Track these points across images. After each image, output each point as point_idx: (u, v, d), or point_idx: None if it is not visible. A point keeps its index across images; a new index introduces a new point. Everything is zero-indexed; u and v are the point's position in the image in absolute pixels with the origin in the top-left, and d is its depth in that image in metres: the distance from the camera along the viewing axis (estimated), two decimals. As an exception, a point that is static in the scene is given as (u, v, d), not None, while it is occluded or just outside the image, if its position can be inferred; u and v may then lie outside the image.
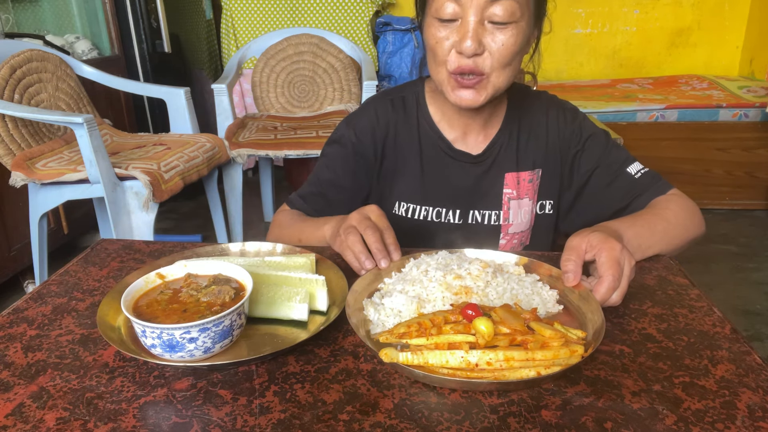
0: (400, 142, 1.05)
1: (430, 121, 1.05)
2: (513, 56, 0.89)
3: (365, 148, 1.05)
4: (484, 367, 0.58)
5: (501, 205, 1.05)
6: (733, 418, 0.54)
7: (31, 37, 2.63)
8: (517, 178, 1.05)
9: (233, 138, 2.47)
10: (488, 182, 1.05)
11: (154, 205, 1.93)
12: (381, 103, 1.07)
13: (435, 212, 1.05)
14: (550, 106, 1.08)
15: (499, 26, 0.86)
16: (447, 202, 1.04)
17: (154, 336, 0.60)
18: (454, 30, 0.88)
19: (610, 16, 3.96)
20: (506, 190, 1.04)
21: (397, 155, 1.05)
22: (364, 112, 1.07)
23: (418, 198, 1.05)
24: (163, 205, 2.00)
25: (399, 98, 1.07)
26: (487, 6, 0.85)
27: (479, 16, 0.85)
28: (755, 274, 2.55)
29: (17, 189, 1.98)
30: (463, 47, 0.86)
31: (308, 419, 0.54)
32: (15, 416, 0.55)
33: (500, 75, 0.90)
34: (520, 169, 1.05)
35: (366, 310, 0.71)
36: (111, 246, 0.94)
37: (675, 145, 3.19)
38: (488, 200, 1.05)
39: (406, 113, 1.06)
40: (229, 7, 3.58)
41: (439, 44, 0.90)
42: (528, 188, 1.05)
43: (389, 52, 3.57)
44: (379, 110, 1.06)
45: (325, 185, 1.07)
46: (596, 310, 0.67)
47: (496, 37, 0.87)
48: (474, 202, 1.05)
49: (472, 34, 0.86)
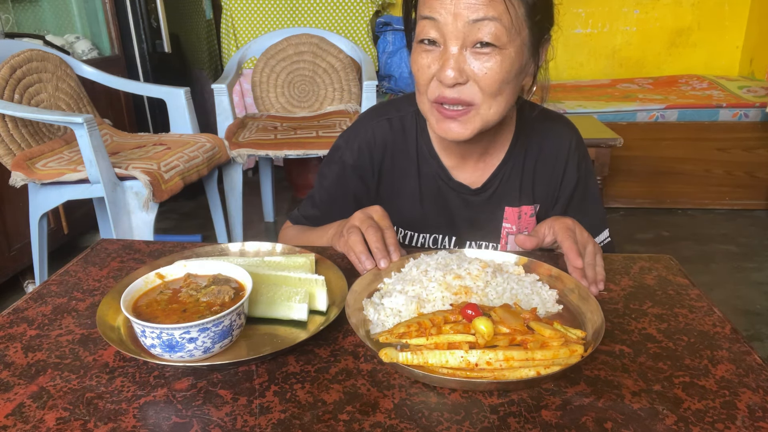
0: (398, 166, 1.02)
1: (429, 146, 1.00)
2: (500, 85, 0.82)
3: (363, 170, 1.02)
4: (483, 366, 0.58)
5: (499, 238, 1.02)
6: (733, 418, 0.54)
7: (31, 37, 2.63)
8: (518, 212, 1.01)
9: (233, 138, 2.47)
10: (487, 215, 1.01)
11: (154, 205, 1.93)
12: (378, 123, 1.02)
13: (432, 239, 1.03)
14: (564, 138, 1.01)
15: (483, 52, 0.80)
16: (444, 230, 1.02)
17: (153, 336, 0.60)
18: (436, 56, 0.82)
19: (610, 16, 3.96)
20: (505, 225, 1.01)
21: (395, 179, 1.02)
22: (361, 131, 1.03)
23: (416, 225, 1.02)
24: (163, 205, 2.00)
25: (398, 119, 1.02)
26: (469, 31, 0.79)
27: (461, 41, 0.79)
28: (755, 274, 2.55)
29: (17, 189, 1.98)
30: (443, 76, 0.81)
31: (308, 419, 0.54)
32: (15, 416, 0.55)
33: (491, 106, 0.83)
34: (522, 203, 1.01)
35: (366, 310, 0.71)
36: (111, 246, 0.94)
37: (675, 145, 3.19)
38: (486, 233, 1.02)
39: (405, 136, 1.01)
40: (229, 7, 3.58)
41: (420, 72, 0.84)
42: (529, 222, 1.02)
43: (389, 52, 3.57)
44: (377, 131, 1.01)
45: (324, 206, 1.06)
46: (596, 310, 0.67)
47: (479, 64, 0.80)
48: (472, 233, 1.02)
49: (453, 63, 0.80)
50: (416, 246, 1.03)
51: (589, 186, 1.04)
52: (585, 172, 1.03)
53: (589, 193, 1.04)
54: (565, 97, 3.49)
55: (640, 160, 3.20)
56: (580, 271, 0.78)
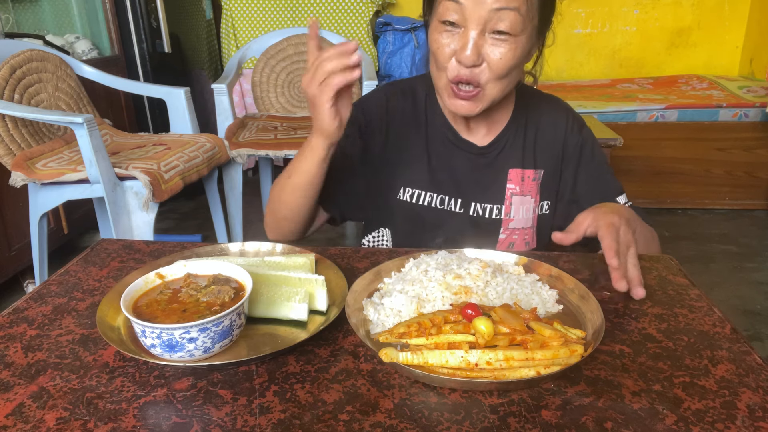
0: (407, 127, 1.06)
1: (438, 111, 1.06)
2: (510, 69, 0.90)
3: (372, 129, 1.06)
4: (483, 366, 0.58)
5: (503, 200, 1.05)
6: (733, 418, 0.54)
7: (31, 37, 2.63)
8: (522, 174, 1.05)
9: (233, 138, 2.47)
10: (491, 176, 1.05)
11: (154, 205, 1.93)
12: (392, 90, 1.09)
13: (438, 199, 1.05)
14: (560, 110, 1.09)
15: (500, 39, 0.87)
16: (450, 191, 1.05)
17: (153, 336, 0.60)
18: (457, 37, 0.88)
19: (610, 16, 3.96)
20: (509, 186, 1.05)
21: (403, 139, 1.06)
22: (374, 96, 1.09)
23: (423, 184, 1.05)
24: (163, 205, 2.00)
25: (409, 88, 1.09)
26: (490, 17, 0.85)
27: (481, 26, 0.86)
28: (755, 274, 2.55)
29: (17, 189, 1.98)
30: (462, 57, 0.87)
31: (308, 419, 0.54)
32: (15, 416, 0.55)
33: (495, 86, 0.91)
34: (525, 166, 1.06)
35: (366, 310, 0.71)
36: (111, 246, 0.94)
37: (675, 145, 3.19)
38: (491, 194, 1.05)
39: (414, 102, 1.07)
40: (229, 7, 3.58)
41: (440, 50, 0.90)
42: (532, 186, 1.06)
43: (389, 52, 3.57)
44: (390, 96, 1.08)
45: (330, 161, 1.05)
46: (596, 309, 0.67)
47: (495, 50, 0.87)
48: (477, 194, 1.05)
49: (473, 45, 0.86)
50: (423, 205, 1.05)
51: (596, 151, 1.08)
52: (588, 136, 1.08)
53: (596, 156, 1.07)
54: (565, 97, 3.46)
55: (640, 160, 3.20)
56: (617, 272, 0.76)
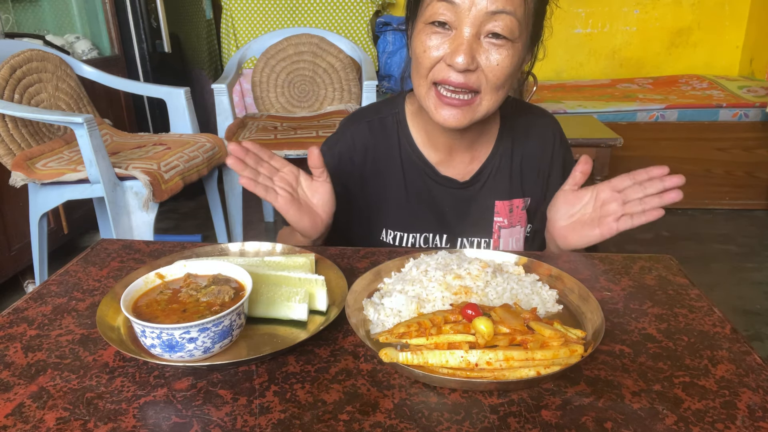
0: (381, 168, 1.00)
1: (412, 143, 0.98)
2: (506, 78, 0.83)
3: (346, 176, 1.00)
4: (483, 366, 0.58)
5: (491, 233, 1.00)
6: (734, 418, 0.54)
7: (31, 37, 2.63)
8: (509, 206, 1.00)
9: (233, 138, 2.47)
10: (477, 209, 1.00)
11: (154, 205, 1.93)
12: (358, 126, 1.00)
13: (423, 238, 1.00)
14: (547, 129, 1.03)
15: (497, 44, 0.80)
16: (434, 227, 1.00)
17: (153, 336, 0.60)
18: (447, 40, 0.81)
19: (610, 16, 3.96)
20: (497, 219, 0.99)
21: (380, 181, 1.00)
22: (341, 138, 1.02)
23: (404, 225, 1.00)
24: (163, 205, 2.00)
25: (377, 120, 1.00)
26: (486, 18, 0.79)
27: (476, 28, 0.79)
28: (755, 274, 2.55)
29: (17, 189, 1.98)
30: (454, 61, 0.79)
31: (308, 419, 0.54)
32: (15, 416, 0.55)
33: (492, 97, 0.85)
34: (513, 196, 1.00)
35: (366, 310, 0.71)
36: (111, 246, 0.94)
37: (675, 145, 3.19)
38: (478, 228, 1.00)
39: (386, 136, 0.99)
40: (229, 7, 3.58)
41: (425, 53, 0.82)
42: (520, 216, 1.01)
43: (389, 52, 3.57)
44: (356, 135, 1.00)
45: None
46: (596, 309, 0.67)
47: (491, 55, 0.81)
48: (463, 229, 1.00)
49: (466, 48, 0.79)
50: (408, 246, 1.01)
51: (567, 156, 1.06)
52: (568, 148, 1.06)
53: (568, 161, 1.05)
54: (565, 97, 3.49)
55: (640, 160, 3.19)
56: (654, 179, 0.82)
